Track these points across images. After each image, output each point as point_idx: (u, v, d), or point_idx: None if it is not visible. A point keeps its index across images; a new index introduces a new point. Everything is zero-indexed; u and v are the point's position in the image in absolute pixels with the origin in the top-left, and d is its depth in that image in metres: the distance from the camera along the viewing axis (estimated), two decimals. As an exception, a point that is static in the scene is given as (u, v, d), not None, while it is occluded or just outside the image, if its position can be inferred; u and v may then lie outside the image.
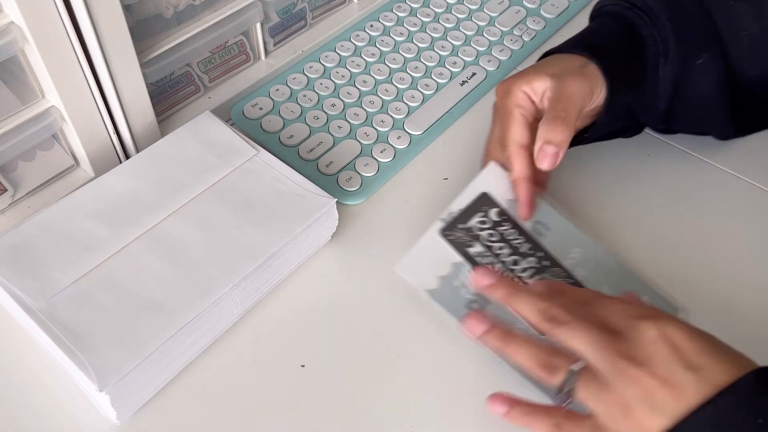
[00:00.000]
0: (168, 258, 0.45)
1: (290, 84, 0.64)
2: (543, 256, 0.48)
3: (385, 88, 0.64)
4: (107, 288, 0.43)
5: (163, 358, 0.42)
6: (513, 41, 0.70)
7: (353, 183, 0.56)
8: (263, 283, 0.48)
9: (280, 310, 0.49)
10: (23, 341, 0.46)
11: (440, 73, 0.66)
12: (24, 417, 0.43)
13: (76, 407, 0.43)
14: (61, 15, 0.45)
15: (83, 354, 0.40)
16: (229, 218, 0.47)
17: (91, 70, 0.49)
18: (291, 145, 0.59)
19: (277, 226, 0.47)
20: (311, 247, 0.51)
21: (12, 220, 0.51)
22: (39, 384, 0.44)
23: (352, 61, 0.66)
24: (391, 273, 0.48)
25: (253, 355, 0.46)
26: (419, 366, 0.46)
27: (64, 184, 0.54)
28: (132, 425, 0.43)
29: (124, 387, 0.40)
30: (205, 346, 0.46)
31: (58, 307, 0.42)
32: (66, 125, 0.51)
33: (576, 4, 0.75)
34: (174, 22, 0.55)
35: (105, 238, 0.45)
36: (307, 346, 0.47)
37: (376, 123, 0.61)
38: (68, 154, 0.54)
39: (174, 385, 0.44)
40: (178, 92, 0.59)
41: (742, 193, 0.57)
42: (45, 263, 0.44)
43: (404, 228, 0.54)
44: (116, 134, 0.54)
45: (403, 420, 0.43)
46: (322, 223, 0.50)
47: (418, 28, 0.71)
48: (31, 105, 0.49)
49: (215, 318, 0.45)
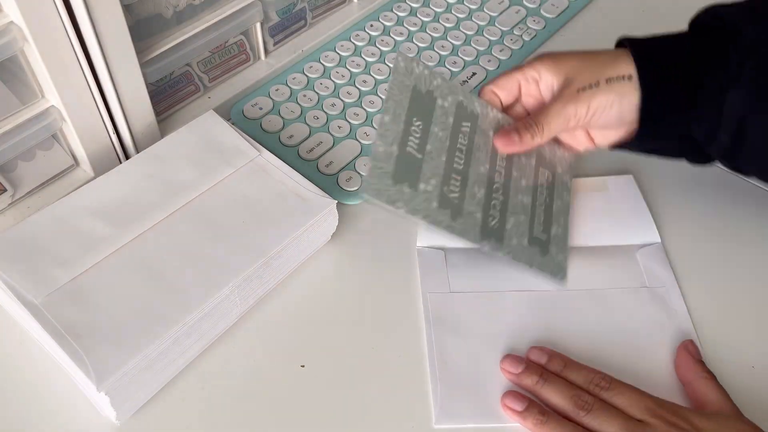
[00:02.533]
0: (167, 258, 0.45)
1: (290, 84, 0.64)
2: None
3: (385, 88, 0.64)
4: (107, 287, 0.43)
5: (162, 358, 0.42)
6: (513, 41, 0.70)
7: (353, 183, 0.56)
8: (263, 283, 0.48)
9: (280, 310, 0.49)
10: (23, 341, 0.46)
11: (440, 73, 0.66)
12: (24, 417, 0.43)
13: (76, 407, 0.43)
14: (61, 15, 0.45)
15: (83, 352, 0.40)
16: (229, 218, 0.47)
17: (90, 70, 0.49)
18: (291, 145, 0.59)
19: (278, 226, 0.47)
20: (311, 247, 0.51)
21: (12, 220, 0.51)
22: (39, 384, 0.44)
23: (352, 61, 0.66)
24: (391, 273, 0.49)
25: (253, 355, 0.46)
26: (419, 366, 0.46)
27: (64, 184, 0.54)
28: (132, 425, 0.43)
29: (123, 387, 0.40)
30: (205, 346, 0.46)
31: (56, 304, 0.42)
32: (66, 125, 0.51)
33: (576, 4, 0.75)
34: (174, 22, 0.55)
35: (105, 236, 0.45)
36: (307, 346, 0.47)
37: (376, 123, 0.61)
38: (68, 154, 0.54)
39: (174, 385, 0.44)
40: (177, 92, 0.59)
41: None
42: (45, 260, 0.44)
43: (404, 228, 0.54)
44: (116, 134, 0.54)
45: (404, 420, 0.43)
46: (323, 223, 0.50)
47: (418, 28, 0.71)
48: (31, 105, 0.49)
49: (215, 318, 0.45)
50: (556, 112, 0.48)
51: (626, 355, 0.46)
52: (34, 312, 0.41)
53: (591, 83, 0.48)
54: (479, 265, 0.51)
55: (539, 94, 0.51)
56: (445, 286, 0.50)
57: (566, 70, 0.49)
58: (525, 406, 0.42)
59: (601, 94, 0.47)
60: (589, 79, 0.48)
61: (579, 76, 0.48)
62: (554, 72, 0.49)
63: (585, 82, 0.48)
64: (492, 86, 0.52)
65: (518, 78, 0.51)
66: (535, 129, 0.49)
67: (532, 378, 0.44)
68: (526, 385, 0.44)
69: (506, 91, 0.52)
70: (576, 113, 0.48)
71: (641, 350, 0.47)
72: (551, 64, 0.50)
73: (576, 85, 0.48)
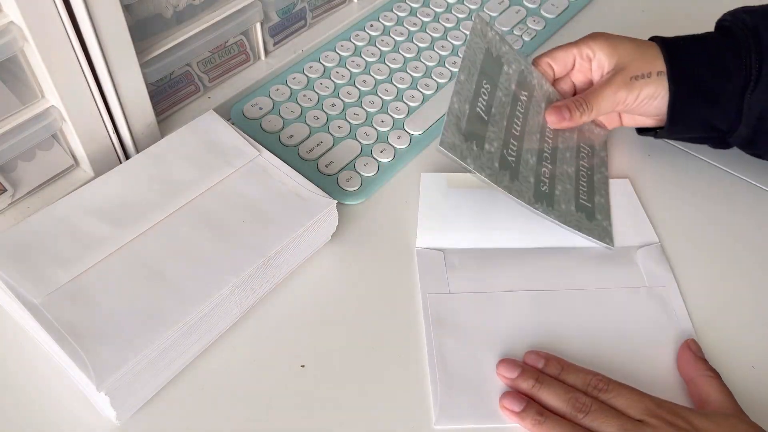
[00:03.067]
0: (167, 257, 0.45)
1: (290, 84, 0.64)
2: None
3: (385, 88, 0.64)
4: (107, 286, 0.43)
5: (162, 358, 0.42)
6: (513, 41, 0.70)
7: (353, 183, 0.56)
8: (263, 283, 0.48)
9: (280, 310, 0.49)
10: (23, 341, 0.46)
11: (440, 73, 0.66)
12: (24, 417, 0.43)
13: (76, 407, 0.43)
14: (61, 15, 0.45)
15: (83, 352, 0.40)
16: (229, 218, 0.47)
17: (91, 70, 0.49)
18: (291, 145, 0.59)
19: (278, 226, 0.47)
20: (311, 247, 0.51)
21: (12, 220, 0.51)
22: (39, 384, 0.44)
23: (352, 61, 0.66)
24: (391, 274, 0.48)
25: (253, 355, 0.46)
26: (419, 366, 0.46)
27: (63, 184, 0.54)
28: (132, 425, 0.43)
29: (123, 387, 0.40)
30: (205, 346, 0.46)
31: (56, 304, 0.42)
32: (66, 125, 0.51)
33: (576, 4, 0.75)
34: (174, 22, 0.55)
35: (105, 236, 0.45)
36: (307, 346, 0.47)
37: (376, 123, 0.61)
38: (68, 154, 0.54)
39: (174, 385, 0.44)
40: (177, 92, 0.59)
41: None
42: (45, 260, 0.44)
43: (404, 228, 0.54)
44: (116, 134, 0.54)
45: (404, 420, 0.43)
46: (323, 223, 0.50)
47: (418, 28, 0.71)
48: (30, 105, 0.49)
49: (215, 318, 0.45)
50: (607, 95, 0.51)
51: (626, 355, 0.46)
52: (34, 312, 0.41)
53: (644, 73, 0.51)
54: (478, 266, 0.51)
55: (589, 71, 0.54)
56: (444, 286, 0.50)
57: (620, 54, 0.52)
58: (523, 407, 0.42)
59: (652, 84, 0.51)
60: (643, 68, 0.51)
61: (633, 63, 0.51)
62: (609, 53, 0.52)
63: (639, 71, 0.51)
64: (548, 58, 0.55)
65: (574, 53, 0.54)
66: (585, 107, 0.52)
67: (528, 382, 0.43)
68: (522, 390, 0.44)
69: (561, 65, 0.55)
70: (626, 99, 0.51)
71: (641, 350, 0.47)
72: (606, 45, 0.52)
73: (630, 72, 0.51)
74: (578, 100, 0.52)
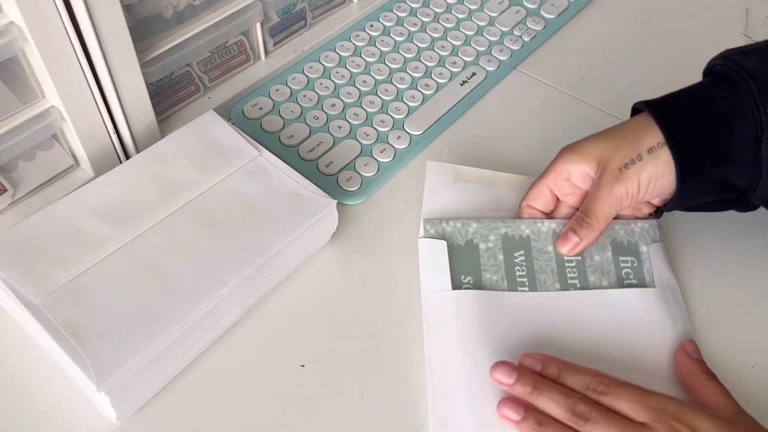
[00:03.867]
0: (168, 257, 0.45)
1: (290, 84, 0.64)
2: None
3: (385, 88, 0.64)
4: (107, 286, 0.43)
5: (162, 358, 0.42)
6: (513, 41, 0.70)
7: (353, 183, 0.56)
8: (263, 283, 0.48)
9: (280, 310, 0.49)
10: (23, 341, 0.46)
11: (440, 73, 0.66)
12: (24, 417, 0.43)
13: (76, 407, 0.43)
14: (61, 15, 0.45)
15: (83, 351, 0.40)
16: (229, 218, 0.47)
17: (91, 70, 0.49)
18: (291, 145, 0.59)
19: (278, 226, 0.47)
20: (311, 247, 0.51)
21: (12, 220, 0.51)
22: (39, 384, 0.44)
23: (352, 61, 0.66)
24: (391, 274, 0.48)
25: (253, 355, 0.46)
26: (419, 366, 0.46)
27: (64, 184, 0.54)
28: (132, 425, 0.43)
29: (123, 387, 0.40)
30: (205, 346, 0.46)
31: (56, 303, 0.42)
32: (66, 125, 0.51)
33: (576, 4, 0.75)
34: (174, 22, 0.55)
35: (105, 236, 0.45)
36: (307, 346, 0.47)
37: (376, 123, 0.61)
38: (68, 154, 0.54)
39: (174, 385, 0.44)
40: (178, 92, 0.59)
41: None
42: (45, 260, 0.43)
43: (404, 228, 0.54)
44: (116, 134, 0.54)
45: (404, 420, 0.43)
46: (323, 223, 0.50)
47: (418, 28, 0.71)
48: (31, 105, 0.49)
49: (215, 318, 0.45)
50: (603, 197, 0.47)
51: (626, 355, 0.46)
52: (34, 312, 0.41)
53: (632, 158, 0.47)
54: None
55: (577, 188, 0.50)
56: (446, 282, 0.49)
57: (595, 154, 0.48)
58: (522, 416, 0.41)
59: (650, 164, 0.46)
60: (629, 154, 0.47)
61: (614, 154, 0.47)
62: (581, 161, 0.48)
63: (625, 159, 0.47)
64: (525, 202, 0.52)
65: (546, 185, 0.50)
66: (589, 221, 0.48)
67: (525, 389, 0.42)
68: (520, 396, 0.43)
69: (541, 202, 0.51)
70: (627, 192, 0.47)
71: (641, 350, 0.47)
72: (574, 155, 0.49)
73: (616, 164, 0.47)
74: (578, 216, 0.49)
